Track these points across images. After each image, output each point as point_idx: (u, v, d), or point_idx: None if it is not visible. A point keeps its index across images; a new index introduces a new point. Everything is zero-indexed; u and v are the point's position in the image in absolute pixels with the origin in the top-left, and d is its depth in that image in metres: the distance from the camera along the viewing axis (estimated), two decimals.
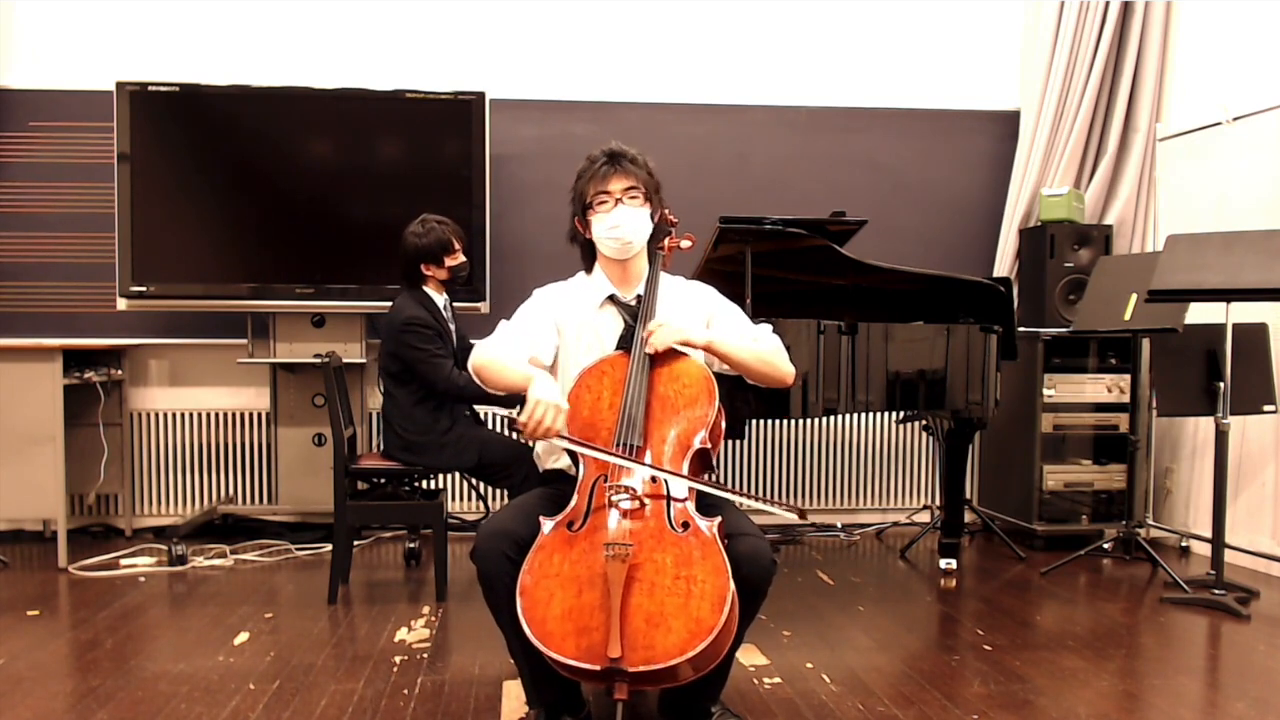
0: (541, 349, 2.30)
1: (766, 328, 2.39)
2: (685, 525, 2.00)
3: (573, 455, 2.18)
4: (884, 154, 4.79)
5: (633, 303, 2.34)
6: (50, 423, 3.79)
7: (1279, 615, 3.34)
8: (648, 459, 2.10)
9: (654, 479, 2.07)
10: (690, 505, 2.05)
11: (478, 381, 2.25)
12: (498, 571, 2.02)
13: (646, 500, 2.02)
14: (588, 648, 1.84)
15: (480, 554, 2.05)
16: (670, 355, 2.23)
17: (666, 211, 2.44)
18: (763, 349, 2.31)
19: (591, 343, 2.32)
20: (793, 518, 2.10)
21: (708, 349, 2.25)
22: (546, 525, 2.03)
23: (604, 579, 1.89)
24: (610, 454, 2.07)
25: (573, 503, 2.08)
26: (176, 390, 4.60)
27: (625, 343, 2.28)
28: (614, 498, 2.01)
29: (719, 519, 2.02)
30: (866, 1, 4.78)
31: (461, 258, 3.57)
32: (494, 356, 2.22)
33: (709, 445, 2.15)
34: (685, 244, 2.47)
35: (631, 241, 2.29)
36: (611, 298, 2.34)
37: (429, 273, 3.53)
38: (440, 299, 3.57)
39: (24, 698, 2.49)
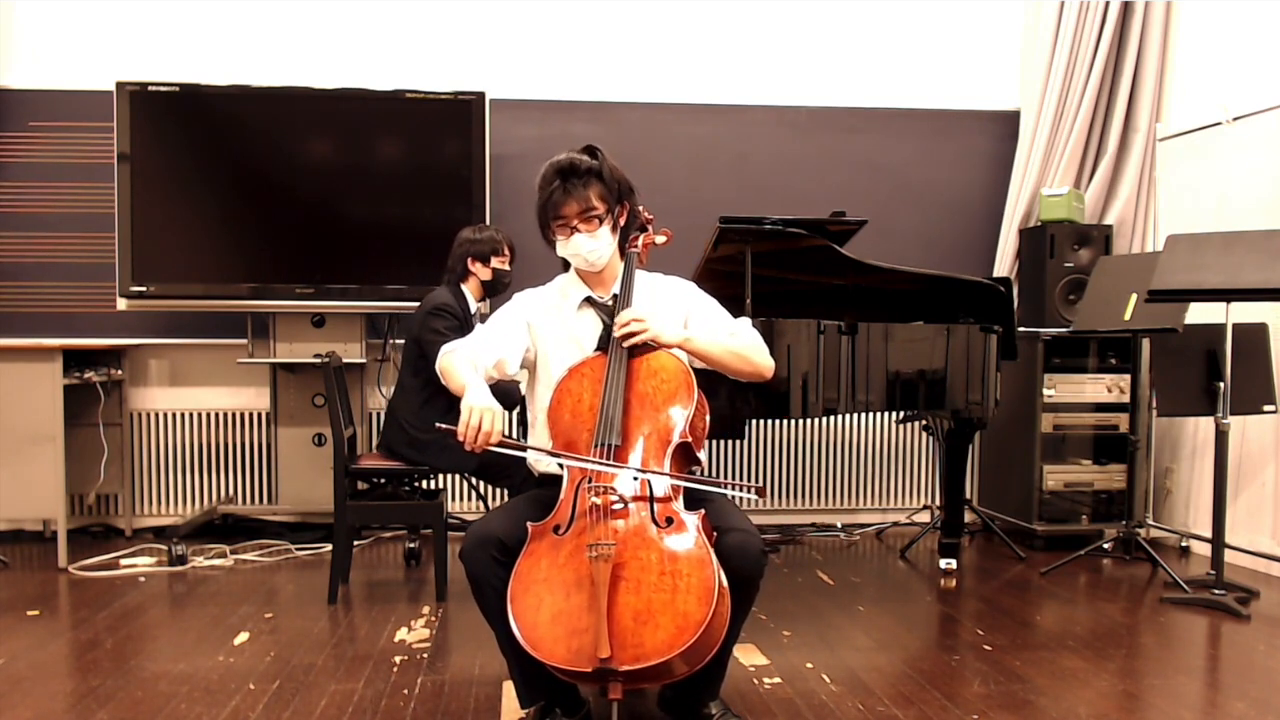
0: (509, 353, 2.30)
1: (745, 321, 2.37)
2: (669, 521, 2.00)
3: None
4: (884, 154, 4.79)
5: (609, 303, 2.33)
6: (50, 423, 3.79)
7: (1279, 615, 3.34)
8: (634, 459, 2.09)
9: (634, 477, 2.06)
10: (675, 501, 2.05)
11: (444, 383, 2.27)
12: (485, 573, 2.04)
13: (629, 498, 2.02)
14: (578, 650, 1.85)
15: (467, 556, 2.06)
16: (647, 351, 2.22)
17: (641, 209, 2.43)
18: (738, 344, 2.29)
19: (571, 346, 2.31)
20: (750, 496, 2.08)
21: (682, 347, 2.24)
22: (533, 531, 2.04)
23: (590, 580, 1.89)
24: (568, 456, 2.07)
25: (558, 507, 2.08)
26: (176, 390, 4.60)
27: (604, 344, 2.27)
28: (595, 499, 2.00)
29: (702, 512, 2.02)
30: (866, 1, 4.78)
31: (507, 265, 3.72)
32: (452, 360, 2.23)
33: (689, 439, 2.14)
34: (660, 239, 2.45)
35: (595, 260, 2.29)
36: (589, 299, 2.34)
37: (473, 269, 3.66)
38: (474, 303, 3.65)
39: (24, 698, 2.49)
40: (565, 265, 2.41)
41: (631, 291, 2.31)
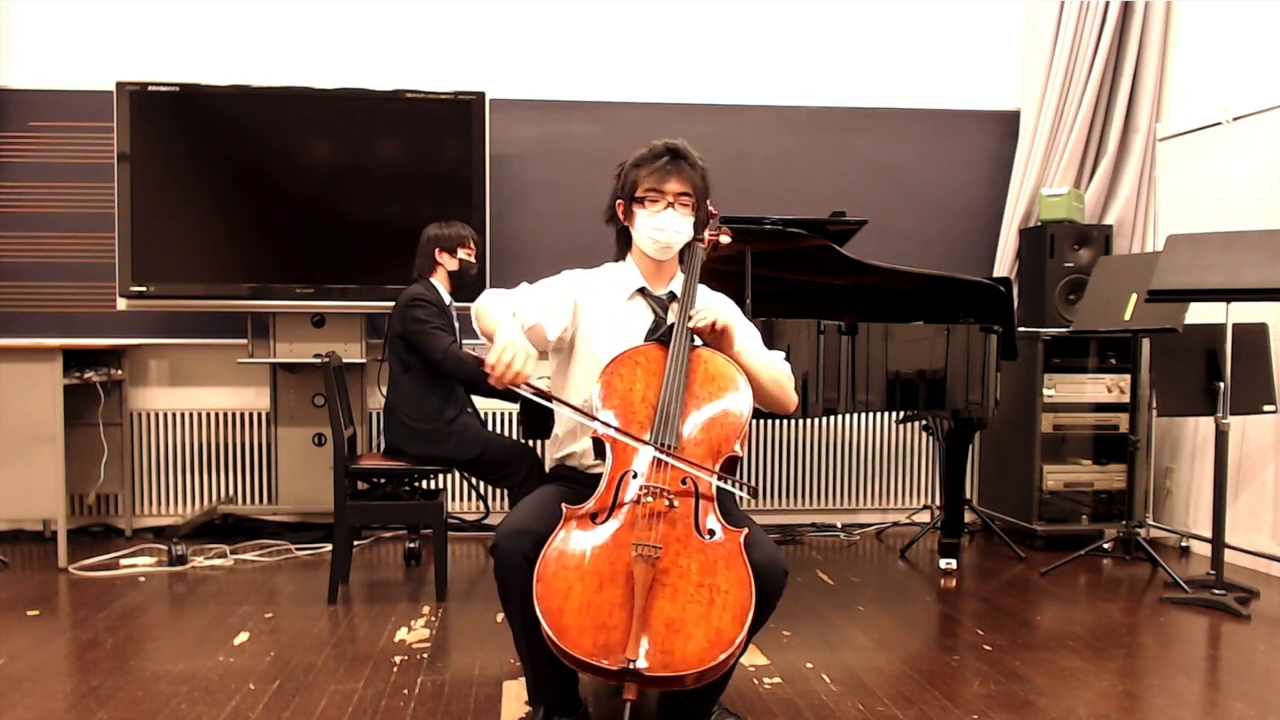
0: (551, 320, 2.25)
1: (780, 354, 2.37)
2: (712, 533, 1.97)
3: (598, 446, 2.14)
4: (884, 154, 4.79)
5: (664, 297, 2.32)
6: (50, 423, 3.79)
7: (1279, 615, 3.34)
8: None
9: (685, 481, 2.03)
10: (715, 511, 2.01)
11: (476, 327, 2.23)
12: (515, 570, 1.98)
13: (676, 502, 1.98)
14: (604, 645, 1.82)
15: (500, 551, 2.01)
16: (706, 354, 2.20)
17: (709, 206, 2.42)
18: (778, 372, 2.28)
19: (617, 333, 2.27)
20: (743, 494, 2.07)
21: (735, 357, 2.22)
22: (569, 514, 1.99)
23: (627, 578, 1.86)
24: (583, 414, 2.02)
25: (598, 493, 2.03)
26: (176, 390, 4.60)
27: (653, 335, 2.25)
28: (647, 498, 1.96)
29: (746, 530, 1.99)
30: (866, 1, 4.78)
31: (473, 257, 3.76)
32: (489, 303, 2.21)
33: (736, 453, 2.10)
34: (725, 239, 2.45)
35: (672, 244, 2.27)
36: (642, 290, 2.32)
37: (440, 260, 3.70)
38: (445, 294, 3.67)
39: (24, 698, 2.49)
40: (621, 253, 2.37)
41: (696, 282, 2.28)
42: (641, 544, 1.89)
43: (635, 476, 2.02)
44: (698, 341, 2.23)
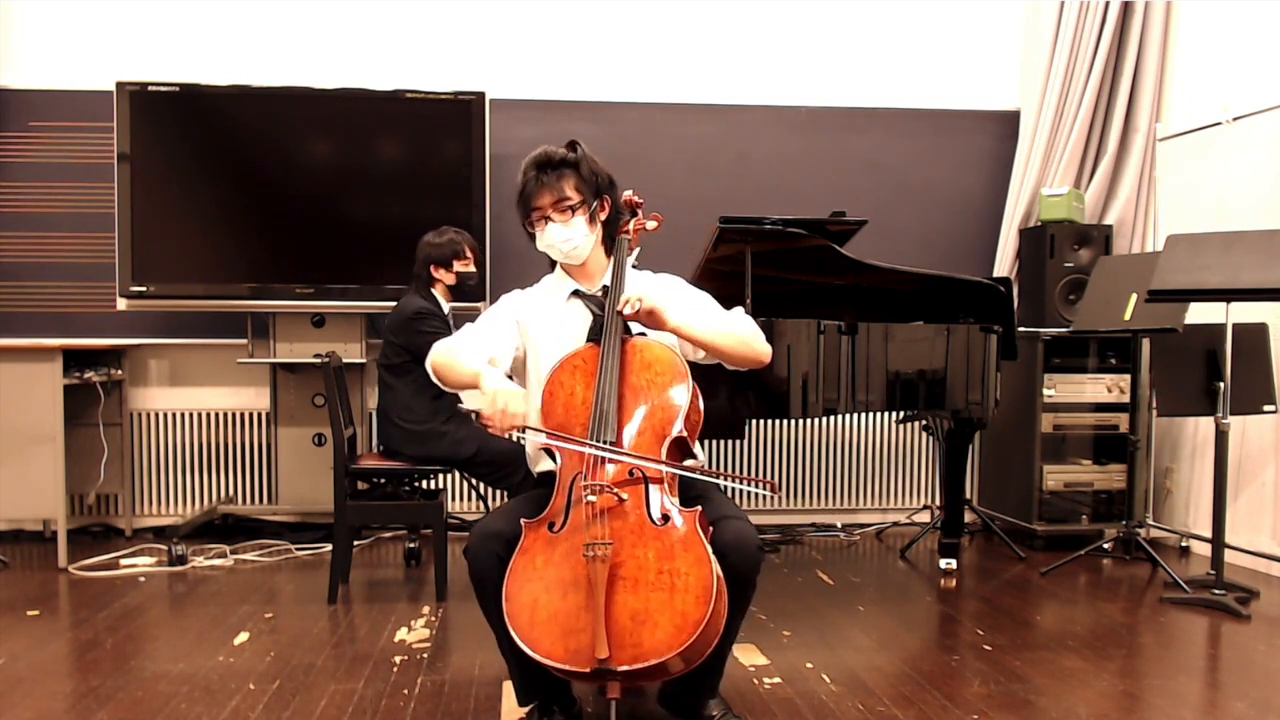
0: (501, 350, 2.28)
1: (739, 311, 2.32)
2: (665, 518, 1.98)
3: (551, 454, 2.16)
4: (884, 154, 4.79)
5: (599, 294, 2.32)
6: (50, 423, 3.79)
7: (1279, 615, 3.34)
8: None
9: (631, 473, 2.04)
10: (668, 497, 2.02)
11: (436, 381, 2.25)
12: (489, 571, 2.02)
13: (624, 495, 2.00)
14: (575, 650, 1.84)
15: (472, 553, 2.05)
16: (641, 343, 2.20)
17: (631, 194, 2.42)
18: (736, 327, 2.24)
19: (562, 338, 2.28)
20: (765, 493, 2.07)
21: (677, 332, 2.17)
22: (527, 528, 2.02)
23: (586, 579, 1.88)
24: (586, 444, 2.03)
25: (552, 502, 2.06)
26: (176, 390, 4.60)
27: (595, 335, 2.25)
28: (590, 497, 1.98)
29: (698, 509, 2.00)
30: (866, 1, 4.78)
31: (471, 267, 3.73)
32: (449, 356, 2.21)
33: (685, 434, 2.11)
34: (651, 225, 2.42)
35: (570, 251, 2.29)
36: (576, 292, 2.34)
37: (438, 276, 3.69)
38: (445, 306, 3.69)
39: (24, 698, 2.49)
40: (552, 264, 2.40)
41: (624, 276, 2.27)
42: (592, 543, 1.90)
43: (584, 478, 2.03)
44: (635, 331, 2.22)
